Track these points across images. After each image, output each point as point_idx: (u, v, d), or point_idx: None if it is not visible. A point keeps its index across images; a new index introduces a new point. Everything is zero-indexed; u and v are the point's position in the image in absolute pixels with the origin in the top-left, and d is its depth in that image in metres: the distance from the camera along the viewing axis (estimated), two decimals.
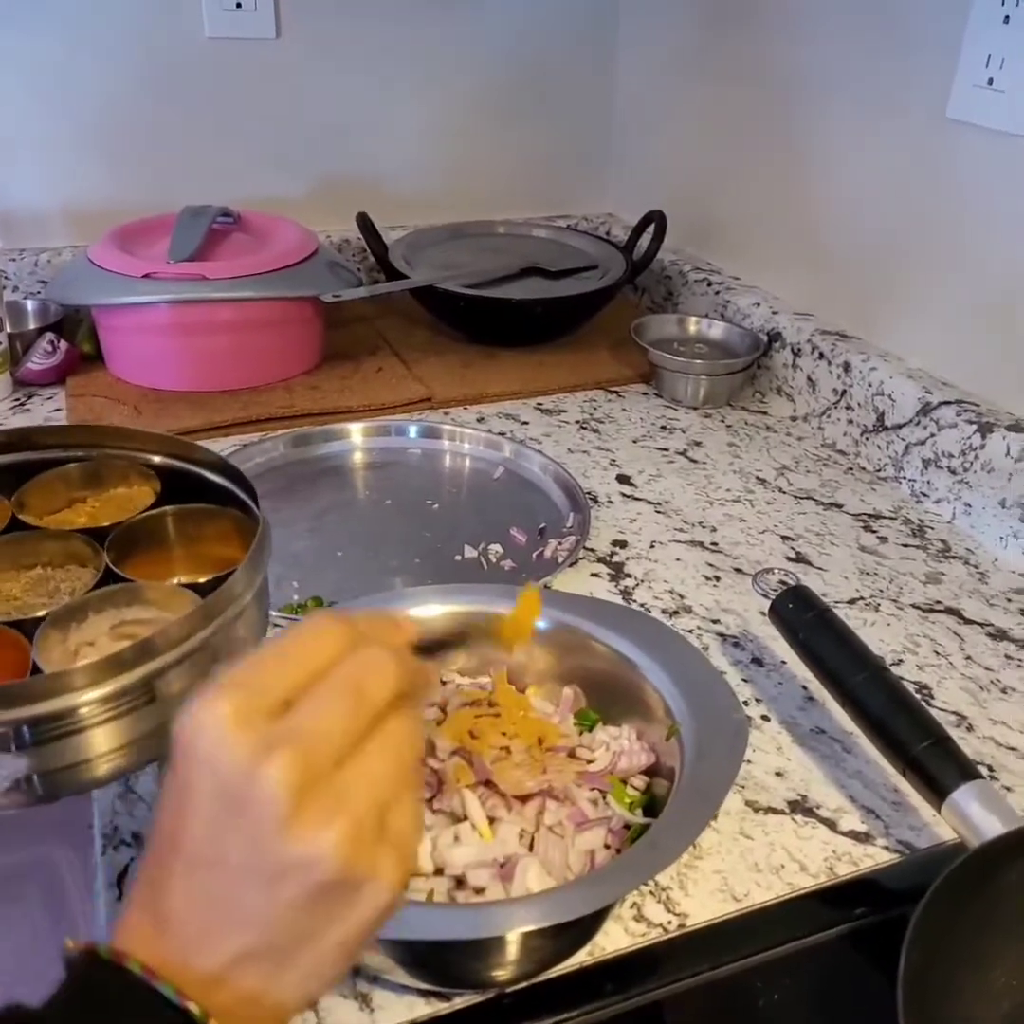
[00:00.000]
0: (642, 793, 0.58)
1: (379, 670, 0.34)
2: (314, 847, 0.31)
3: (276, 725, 0.32)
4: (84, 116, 1.24)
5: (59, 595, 0.57)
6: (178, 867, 0.33)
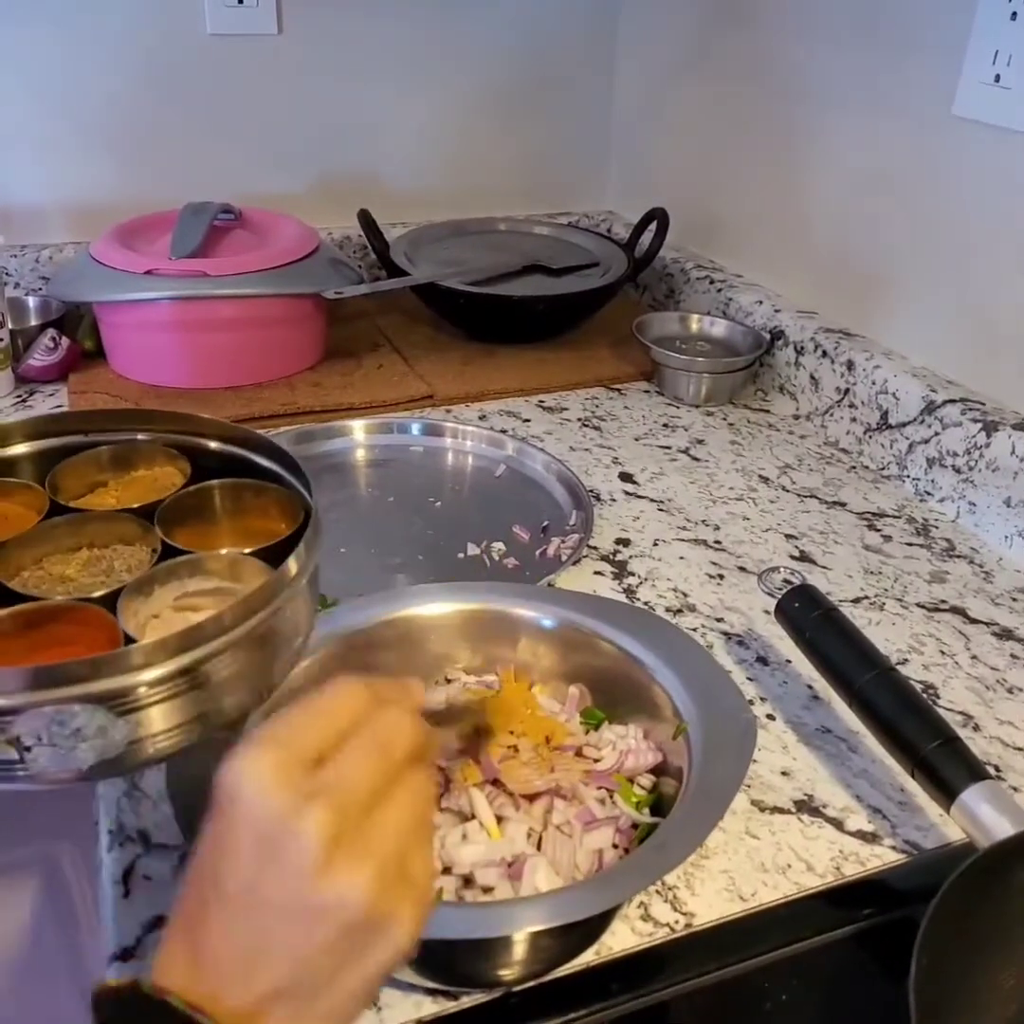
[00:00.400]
0: (649, 792, 0.58)
1: (399, 729, 0.38)
2: (346, 889, 0.34)
3: (311, 779, 0.35)
4: (86, 112, 1.24)
5: (115, 573, 0.58)
6: (216, 906, 0.35)
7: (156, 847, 0.58)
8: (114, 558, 0.59)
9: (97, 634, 0.51)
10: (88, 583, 0.57)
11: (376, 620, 0.63)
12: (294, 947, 0.35)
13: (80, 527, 0.60)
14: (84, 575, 0.57)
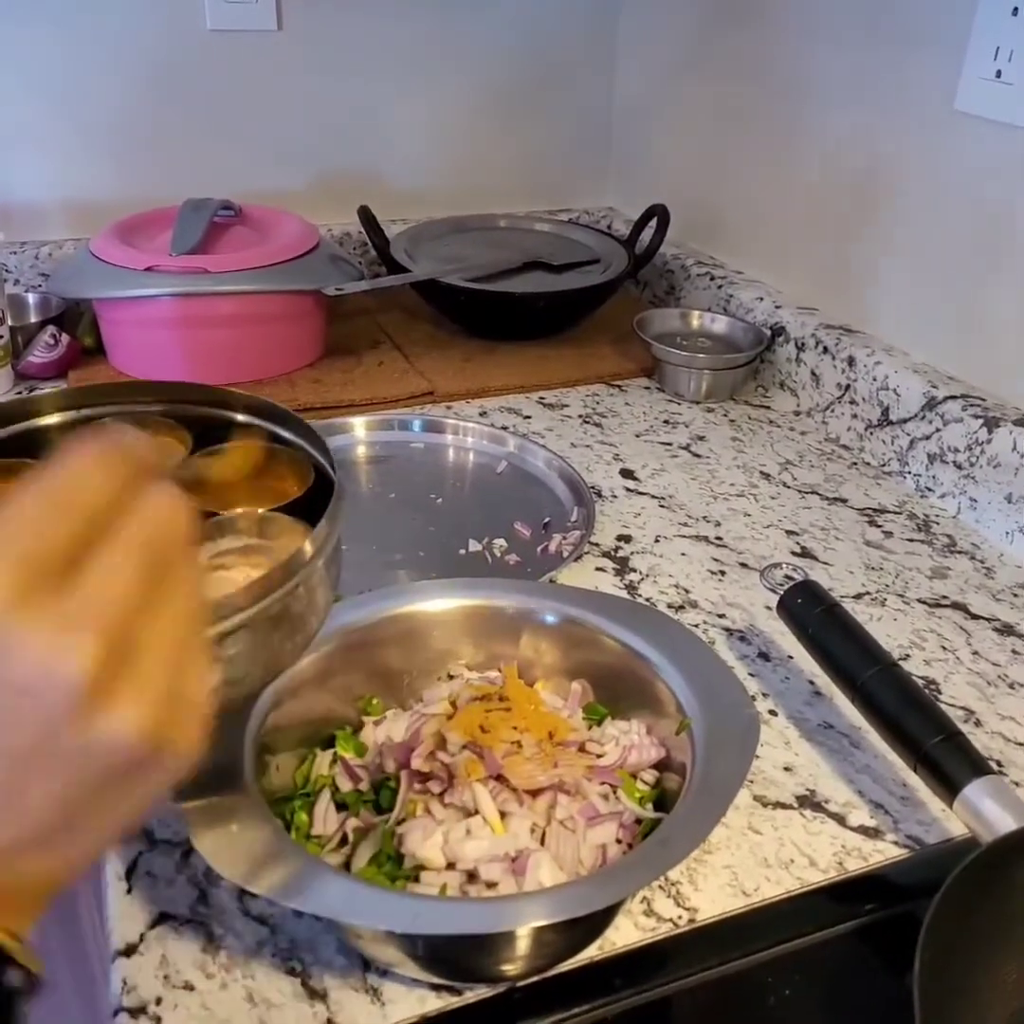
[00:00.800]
0: (652, 788, 0.58)
1: (169, 517, 0.32)
2: (117, 727, 0.30)
3: (65, 598, 0.29)
4: (86, 109, 1.24)
5: None
6: None
7: (159, 843, 0.58)
8: None
9: None
10: None
11: (378, 616, 0.63)
12: (53, 795, 0.31)
13: None
14: None
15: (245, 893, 0.55)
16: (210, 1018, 0.50)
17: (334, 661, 0.60)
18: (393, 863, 0.52)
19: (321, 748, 0.59)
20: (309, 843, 0.54)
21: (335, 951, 0.53)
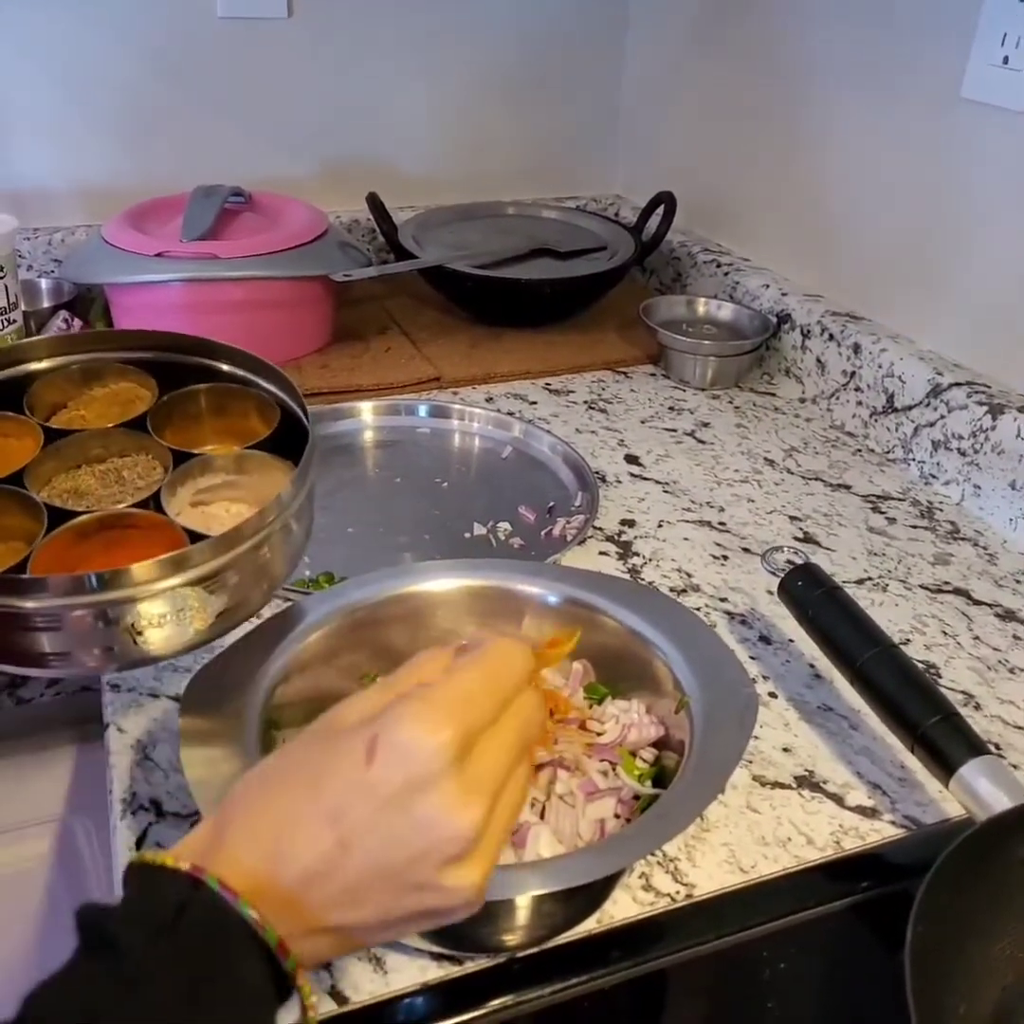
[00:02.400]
0: (651, 765, 0.59)
1: (537, 714, 0.42)
2: (468, 883, 0.38)
3: (471, 767, 0.38)
4: (97, 96, 1.24)
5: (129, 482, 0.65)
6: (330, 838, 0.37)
7: (169, 815, 0.59)
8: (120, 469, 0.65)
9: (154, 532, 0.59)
10: (107, 493, 0.64)
11: (384, 596, 0.64)
12: (392, 905, 0.38)
13: (79, 446, 0.66)
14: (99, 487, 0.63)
15: None
16: None
17: (340, 639, 0.61)
18: None
19: None
20: None
21: None
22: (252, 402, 0.68)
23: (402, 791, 0.37)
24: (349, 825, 0.37)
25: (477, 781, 0.37)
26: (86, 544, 0.58)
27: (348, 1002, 0.50)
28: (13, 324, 1.07)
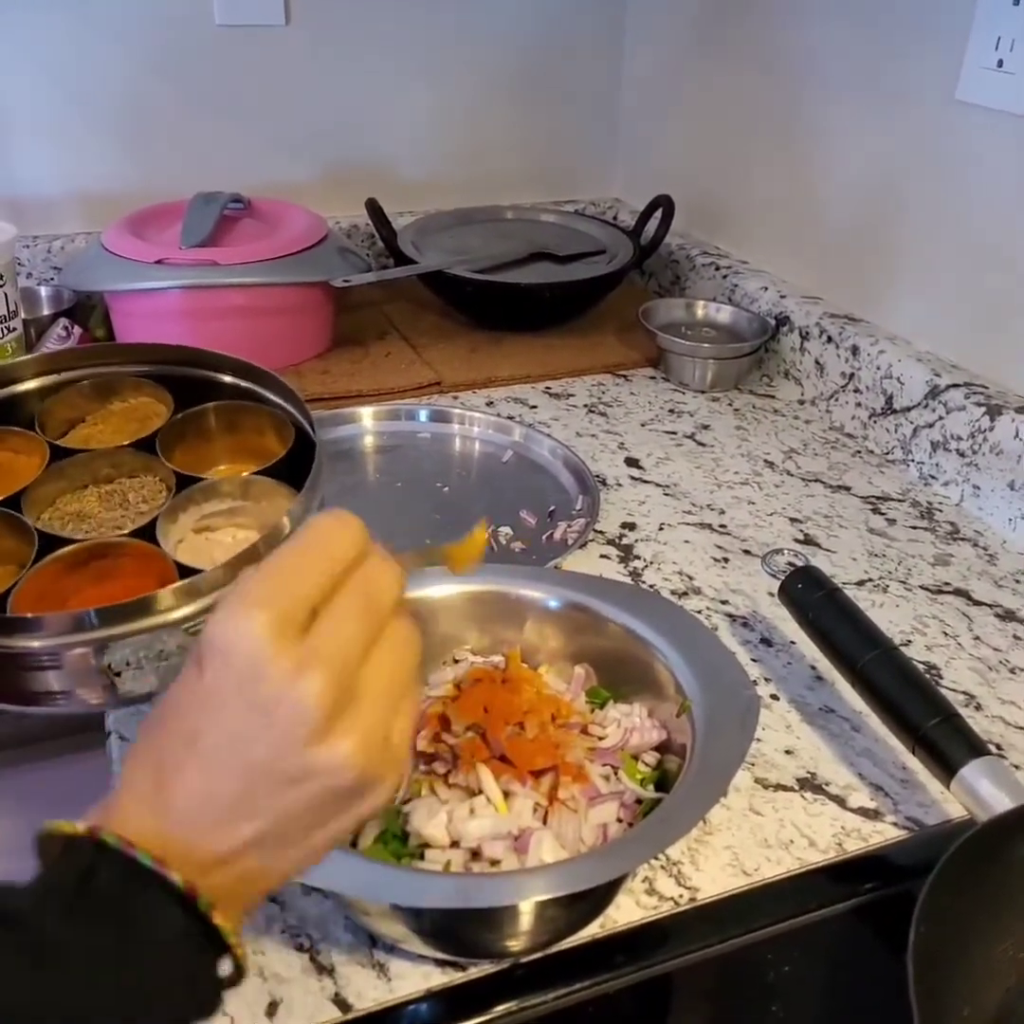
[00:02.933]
0: (653, 769, 0.59)
1: (386, 580, 0.38)
2: (338, 757, 0.35)
3: (305, 640, 0.35)
4: (97, 103, 1.25)
5: (132, 506, 0.63)
6: (194, 762, 0.36)
7: None
8: (126, 491, 0.63)
9: (146, 563, 0.57)
10: (109, 517, 0.61)
11: None
12: (277, 804, 0.35)
13: (86, 465, 0.63)
14: (102, 510, 0.61)
15: None
16: None
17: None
18: (399, 841, 0.53)
19: None
20: None
21: (343, 928, 0.54)
22: (266, 419, 0.67)
23: (236, 690, 0.35)
24: (203, 744, 0.35)
25: (311, 650, 0.35)
26: (76, 574, 0.57)
27: (352, 1009, 0.51)
28: (13, 332, 1.07)
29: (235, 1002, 0.50)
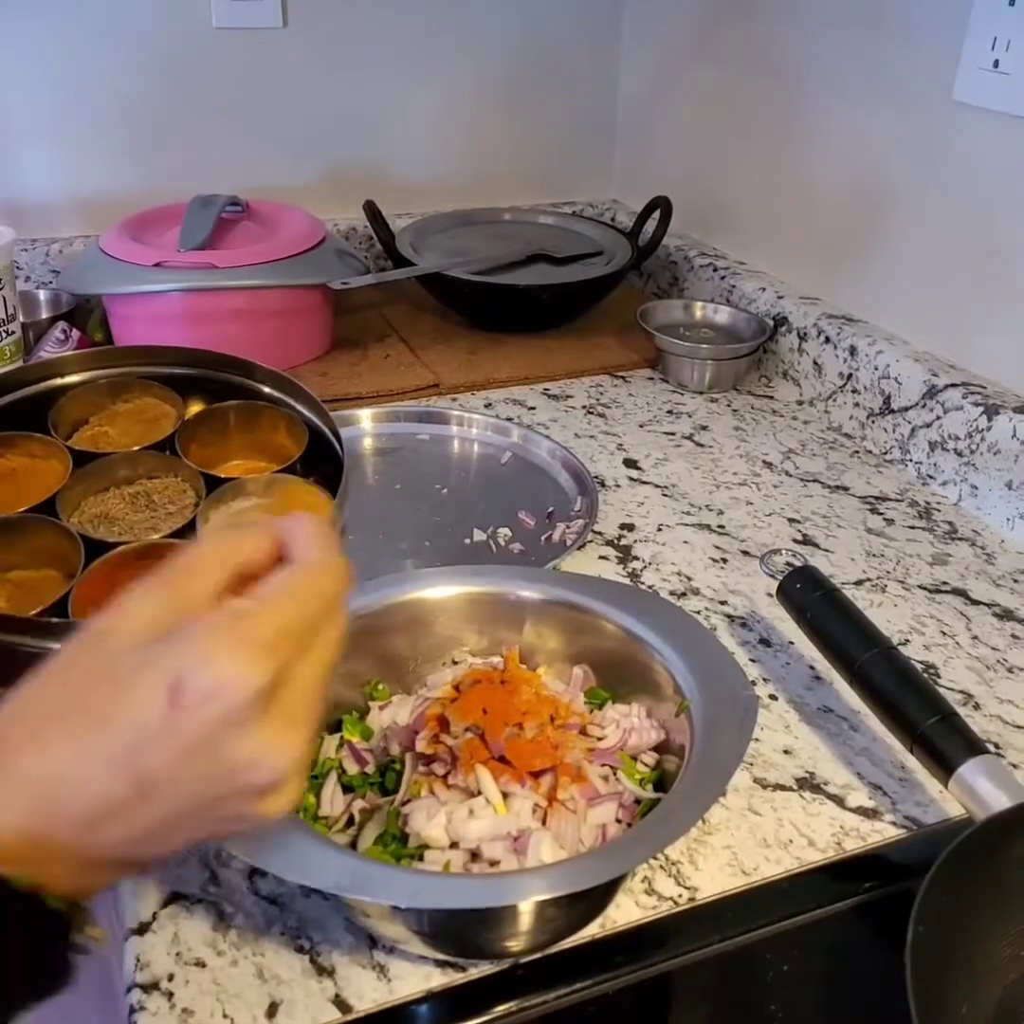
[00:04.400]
0: (652, 769, 0.59)
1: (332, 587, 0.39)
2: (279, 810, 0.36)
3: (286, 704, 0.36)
4: (95, 107, 1.25)
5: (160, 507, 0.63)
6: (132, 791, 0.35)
7: None
8: (150, 492, 0.63)
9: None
10: (139, 519, 0.62)
11: (384, 603, 0.64)
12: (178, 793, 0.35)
13: (106, 468, 0.64)
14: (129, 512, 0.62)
15: (255, 873, 0.57)
16: (221, 993, 0.51)
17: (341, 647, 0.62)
18: (398, 842, 0.53)
19: (328, 732, 0.61)
20: (317, 824, 0.55)
21: (343, 929, 0.54)
22: (281, 419, 0.68)
23: (210, 736, 0.34)
24: (146, 769, 0.35)
25: (291, 716, 0.36)
26: (123, 575, 0.57)
27: (352, 1010, 0.51)
28: (12, 336, 1.08)
29: (235, 1003, 0.51)
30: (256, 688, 0.34)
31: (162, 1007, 0.50)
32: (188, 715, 0.34)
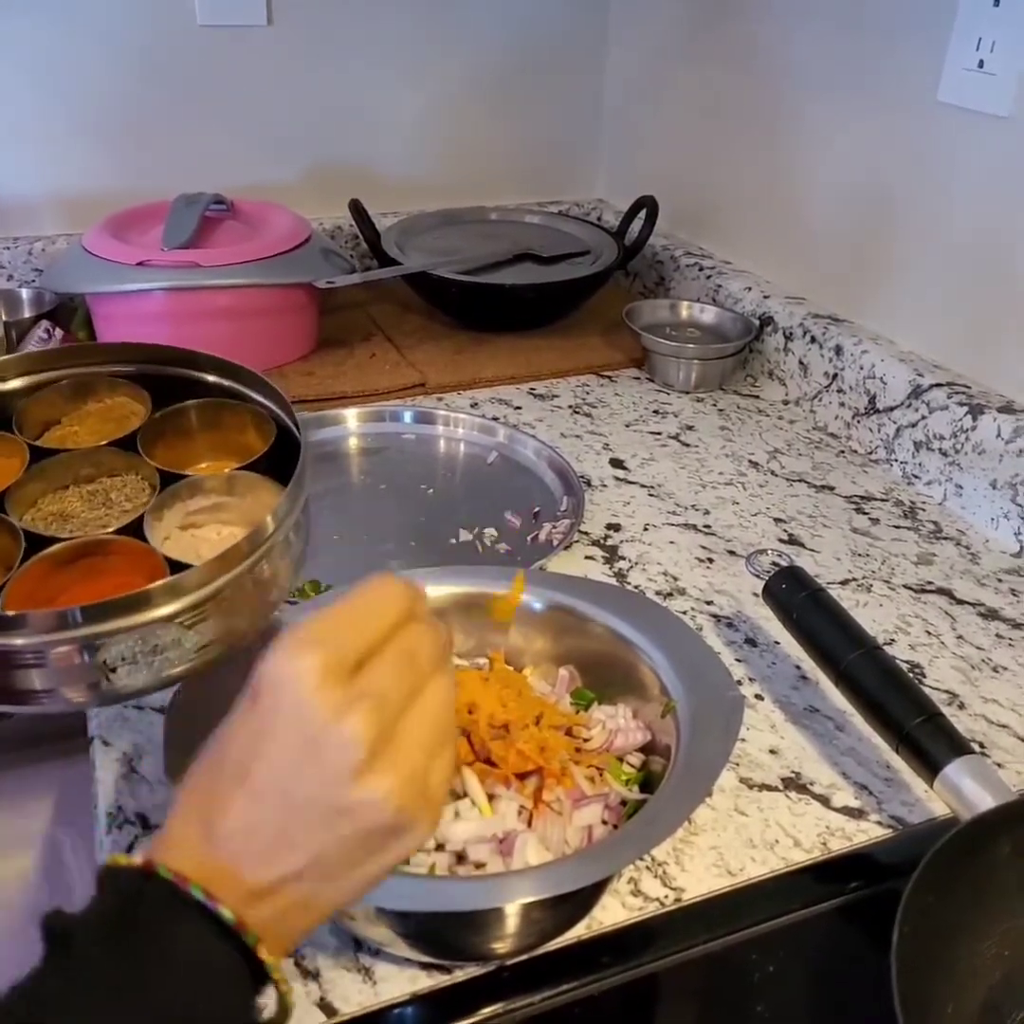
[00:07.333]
0: (638, 770, 0.59)
1: (429, 640, 0.40)
2: (379, 795, 0.36)
3: (352, 683, 0.37)
4: (78, 104, 1.24)
5: (116, 504, 0.62)
6: (242, 795, 0.37)
7: (155, 828, 0.59)
8: (108, 490, 0.63)
9: (135, 560, 0.57)
10: (93, 516, 0.61)
11: None
12: (319, 839, 0.37)
13: (67, 465, 0.63)
14: (85, 509, 0.61)
15: None
16: None
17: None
18: None
19: None
20: None
21: (328, 933, 0.54)
22: (247, 416, 0.67)
23: (284, 723, 0.36)
24: (253, 773, 0.37)
25: (357, 691, 0.37)
26: (65, 572, 0.57)
27: (337, 1013, 0.50)
28: None
29: None
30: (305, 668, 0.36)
31: None
32: (260, 708, 0.37)
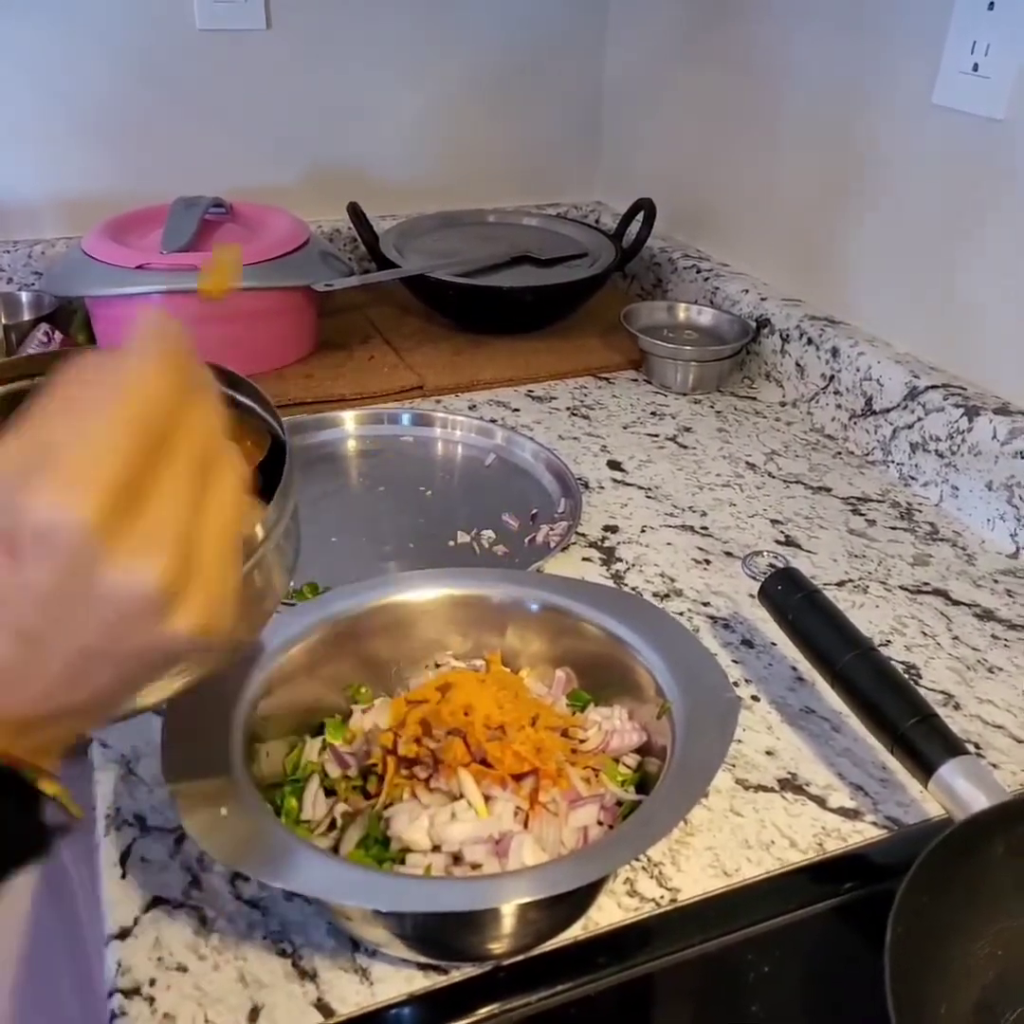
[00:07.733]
0: (634, 771, 0.59)
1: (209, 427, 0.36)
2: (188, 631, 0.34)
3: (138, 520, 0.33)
4: (77, 108, 1.24)
5: None
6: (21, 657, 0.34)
7: (152, 830, 0.60)
8: None
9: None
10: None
11: (367, 606, 0.64)
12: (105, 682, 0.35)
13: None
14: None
15: (237, 878, 0.57)
16: (203, 998, 0.51)
17: (323, 650, 0.62)
18: (380, 846, 0.53)
19: (310, 735, 0.61)
20: (299, 828, 0.55)
21: (325, 933, 0.54)
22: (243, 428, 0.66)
23: (65, 580, 0.32)
24: (25, 632, 0.34)
25: (148, 532, 0.33)
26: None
27: (334, 1014, 0.51)
28: None
29: (217, 1008, 0.51)
30: (84, 520, 0.32)
31: (143, 1012, 0.50)
32: (31, 570, 0.33)
